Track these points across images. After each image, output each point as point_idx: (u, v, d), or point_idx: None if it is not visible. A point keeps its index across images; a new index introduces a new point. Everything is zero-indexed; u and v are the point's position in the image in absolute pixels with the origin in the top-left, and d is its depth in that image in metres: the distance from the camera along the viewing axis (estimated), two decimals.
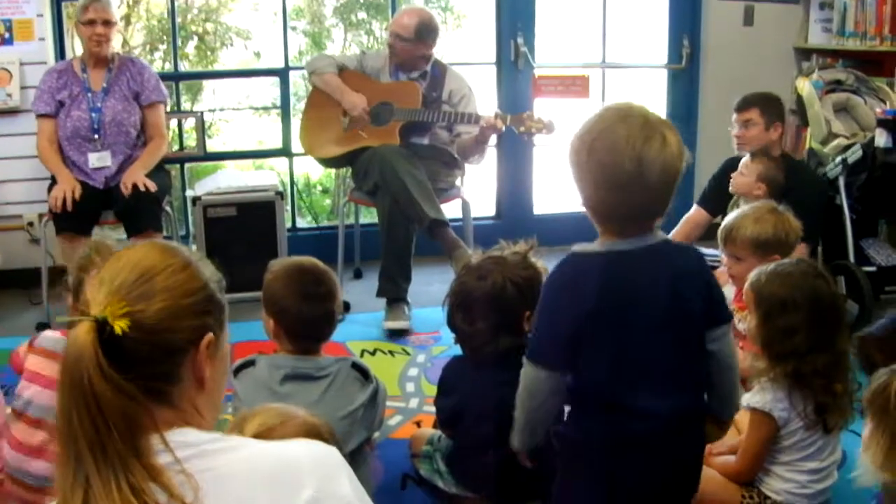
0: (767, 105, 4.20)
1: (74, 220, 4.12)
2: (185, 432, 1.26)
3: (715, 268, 3.71)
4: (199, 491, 1.19)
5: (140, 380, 1.22)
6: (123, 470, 1.17)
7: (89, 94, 4.36)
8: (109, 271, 1.28)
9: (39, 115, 4.38)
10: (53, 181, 4.29)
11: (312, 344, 2.56)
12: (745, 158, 3.97)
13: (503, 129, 4.38)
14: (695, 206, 4.40)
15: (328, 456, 1.34)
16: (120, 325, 1.20)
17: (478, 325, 2.58)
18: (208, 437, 1.27)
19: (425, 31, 4.58)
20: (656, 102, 5.78)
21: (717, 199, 4.24)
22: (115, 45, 4.46)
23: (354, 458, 2.46)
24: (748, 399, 2.48)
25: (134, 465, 1.18)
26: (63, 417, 1.20)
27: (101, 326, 1.20)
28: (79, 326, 1.20)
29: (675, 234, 4.37)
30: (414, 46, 4.59)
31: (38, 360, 2.45)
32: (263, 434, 1.66)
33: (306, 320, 2.50)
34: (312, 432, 1.73)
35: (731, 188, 3.99)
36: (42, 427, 2.43)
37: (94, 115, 4.33)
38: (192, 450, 1.23)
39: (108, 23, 4.31)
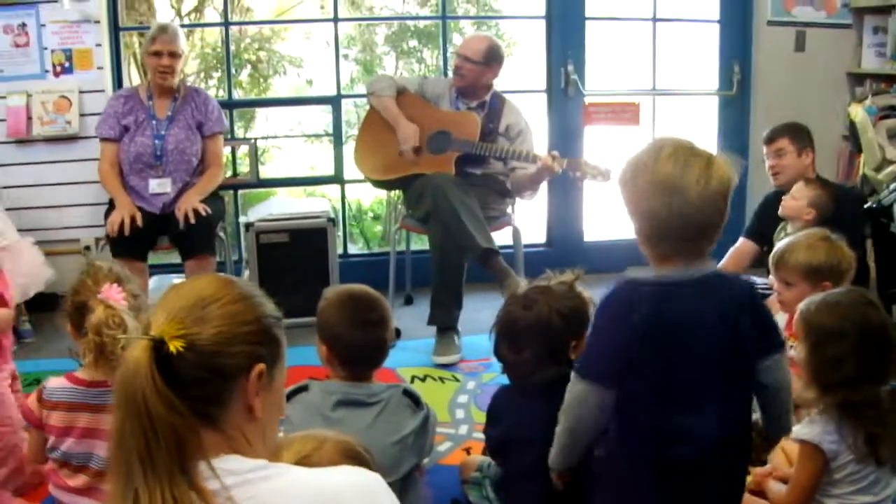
0: (796, 133, 4.24)
1: (131, 244, 4.19)
2: (230, 460, 1.29)
3: (766, 296, 3.69)
4: None
5: (190, 400, 1.26)
6: (170, 484, 1.21)
7: (154, 122, 4.45)
8: (170, 298, 1.33)
9: (103, 139, 4.47)
10: (111, 206, 4.36)
11: (364, 370, 2.58)
12: (799, 184, 3.96)
13: (559, 171, 4.39)
14: (742, 238, 4.40)
15: (371, 483, 1.37)
16: (175, 345, 1.26)
17: (524, 355, 2.59)
18: (252, 464, 1.30)
19: (493, 56, 4.68)
20: (707, 130, 5.76)
21: (764, 229, 4.25)
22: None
23: (405, 484, 2.48)
24: (797, 431, 2.45)
25: (180, 481, 1.22)
26: (116, 431, 1.25)
27: (158, 346, 1.26)
28: (136, 346, 1.26)
29: (723, 265, 4.35)
30: (481, 70, 4.66)
31: (61, 416, 2.46)
32: (301, 462, 1.68)
33: (359, 347, 2.52)
34: (349, 452, 1.75)
35: (780, 211, 3.98)
36: (84, 472, 2.47)
37: (157, 142, 4.41)
38: (235, 478, 1.26)
39: (173, 55, 4.40)
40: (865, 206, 4.38)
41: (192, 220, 4.22)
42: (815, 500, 2.45)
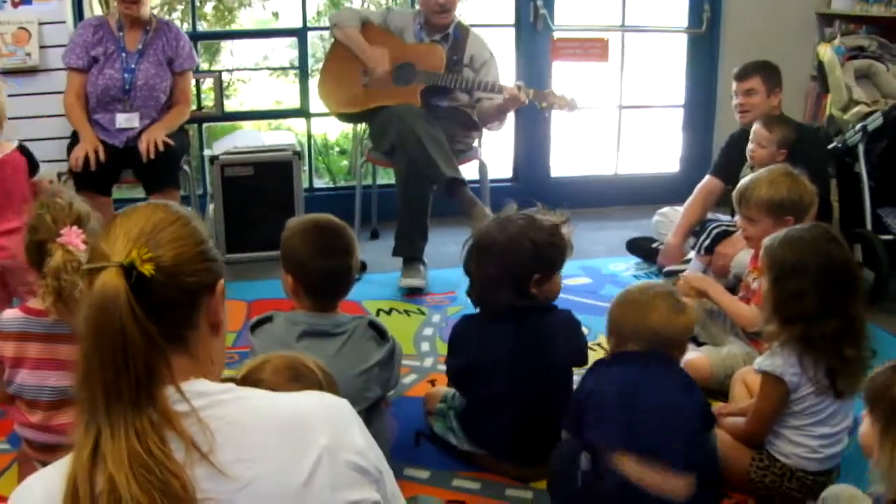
0: (767, 72, 4.25)
1: (95, 178, 4.12)
2: (200, 383, 1.29)
3: (731, 233, 3.73)
4: (214, 440, 1.22)
5: (162, 325, 1.25)
6: (133, 416, 1.20)
7: (123, 55, 4.31)
8: (122, 226, 1.30)
9: (70, 69, 4.35)
10: (73, 139, 4.27)
11: (330, 300, 2.58)
12: (757, 128, 3.96)
13: (526, 102, 4.38)
14: (708, 176, 4.42)
15: (340, 407, 1.38)
16: (147, 268, 1.23)
17: (486, 272, 2.62)
18: (222, 387, 1.31)
19: None
20: (676, 67, 5.75)
21: (730, 167, 4.28)
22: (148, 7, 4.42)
23: (370, 415, 2.49)
24: (759, 362, 2.49)
25: (144, 412, 1.21)
26: (83, 366, 1.22)
27: (128, 272, 1.23)
28: (104, 274, 1.22)
29: (691, 202, 4.37)
30: None
31: (13, 346, 2.46)
32: (247, 375, 1.73)
33: (325, 275, 2.52)
34: (294, 364, 1.77)
35: (750, 161, 3.98)
36: (38, 407, 2.48)
37: (126, 75, 4.29)
38: (206, 399, 1.26)
39: None
40: (830, 146, 4.40)
41: (153, 155, 4.14)
42: (772, 431, 2.50)
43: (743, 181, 3.26)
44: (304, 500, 1.24)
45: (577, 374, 2.65)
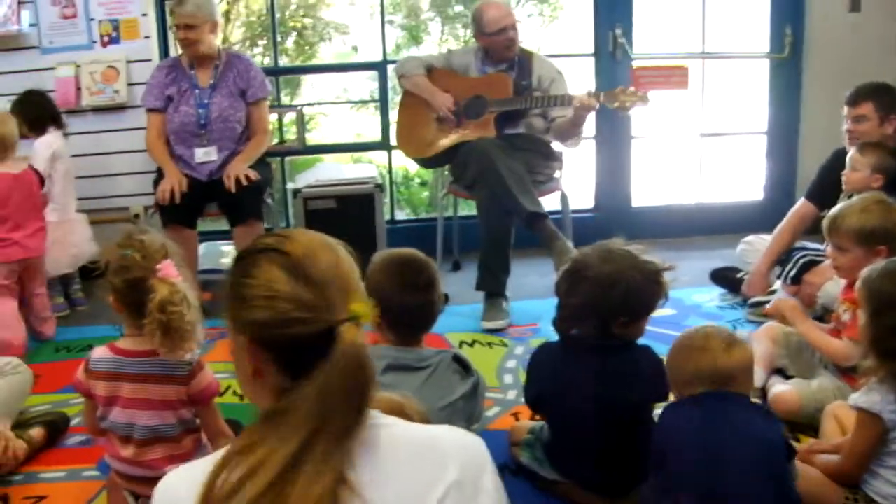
0: (882, 98, 3.93)
1: (180, 212, 4.22)
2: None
3: (818, 262, 3.64)
4: (358, 462, 1.25)
5: None
6: (339, 461, 1.24)
7: (197, 91, 4.44)
8: (315, 270, 1.36)
9: (149, 110, 4.49)
10: (159, 174, 4.38)
11: (414, 334, 2.60)
12: (852, 153, 3.83)
13: (597, 106, 4.36)
14: (802, 200, 4.28)
15: (476, 447, 1.40)
16: (368, 318, 1.33)
17: (574, 300, 2.58)
18: (375, 413, 1.34)
19: None
20: (758, 93, 5.67)
21: (827, 191, 4.02)
22: (217, 42, 4.54)
23: None
24: (855, 398, 2.41)
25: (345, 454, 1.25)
26: (322, 411, 1.25)
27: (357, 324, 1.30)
28: (349, 331, 1.28)
29: (781, 228, 4.26)
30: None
31: (104, 385, 2.49)
32: None
33: (409, 310, 2.53)
34: (397, 410, 1.76)
35: (845, 187, 3.83)
36: (130, 443, 2.50)
37: (200, 111, 4.41)
38: (370, 421, 1.32)
39: (189, 26, 4.33)
40: None
41: (234, 189, 4.22)
42: (869, 470, 2.42)
43: (834, 209, 3.16)
44: None
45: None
